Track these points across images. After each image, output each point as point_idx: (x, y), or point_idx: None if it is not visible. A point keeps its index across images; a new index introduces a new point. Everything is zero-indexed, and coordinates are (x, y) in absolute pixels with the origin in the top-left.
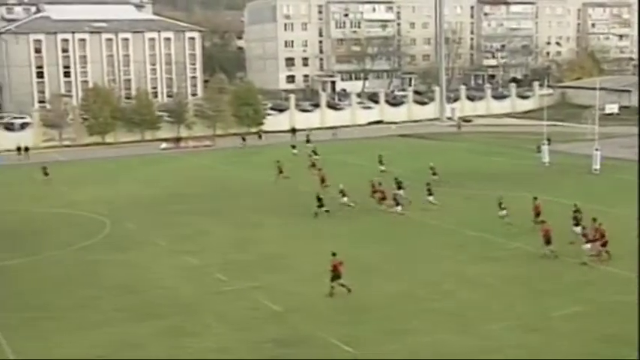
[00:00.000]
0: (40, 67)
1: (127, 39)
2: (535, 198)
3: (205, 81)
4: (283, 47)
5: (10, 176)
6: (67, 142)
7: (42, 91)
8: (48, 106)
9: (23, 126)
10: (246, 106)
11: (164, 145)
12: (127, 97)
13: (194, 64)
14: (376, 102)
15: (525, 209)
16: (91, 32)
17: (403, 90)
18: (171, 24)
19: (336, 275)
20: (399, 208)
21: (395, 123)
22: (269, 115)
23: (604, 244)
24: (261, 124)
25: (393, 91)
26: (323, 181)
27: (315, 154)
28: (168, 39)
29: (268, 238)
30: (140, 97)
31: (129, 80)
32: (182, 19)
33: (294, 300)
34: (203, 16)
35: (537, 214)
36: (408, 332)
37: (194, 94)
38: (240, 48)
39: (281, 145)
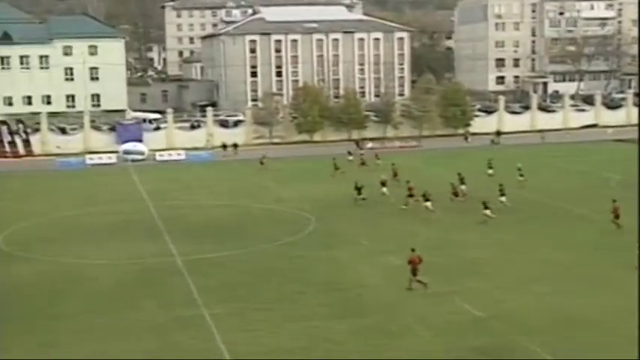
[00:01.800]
0: (254, 66)
1: (337, 39)
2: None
3: (413, 81)
4: (494, 47)
5: (223, 171)
6: (276, 140)
7: (255, 90)
8: (260, 104)
9: (237, 123)
10: (453, 107)
11: (370, 144)
12: (336, 97)
13: (402, 64)
14: (591, 104)
15: None
16: (303, 33)
17: (622, 92)
18: (381, 24)
19: (413, 270)
20: (488, 211)
21: (611, 127)
22: (476, 116)
23: None
24: (469, 125)
25: (610, 93)
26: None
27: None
28: (377, 39)
29: (472, 242)
30: (348, 96)
31: (337, 80)
32: (391, 19)
33: (496, 306)
34: (412, 16)
35: None
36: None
37: (401, 95)
38: (449, 48)
39: (488, 148)
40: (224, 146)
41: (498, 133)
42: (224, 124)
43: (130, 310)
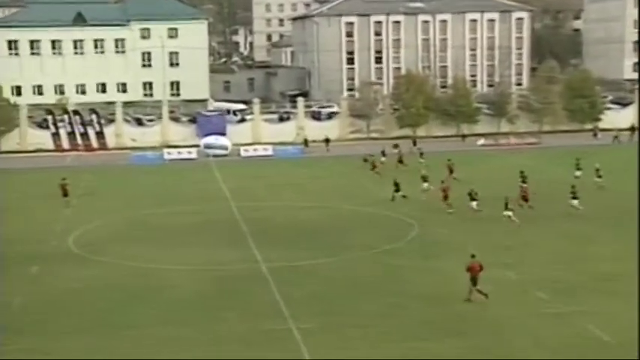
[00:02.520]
0: (351, 51)
1: (445, 21)
2: None
3: (533, 69)
4: (632, 29)
5: (314, 169)
6: (374, 135)
7: (351, 78)
8: (357, 94)
9: (330, 116)
10: (580, 99)
11: (482, 141)
12: (442, 86)
13: (520, 49)
14: None
15: None
16: (407, 14)
17: None
18: (497, 3)
19: (472, 279)
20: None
21: None
22: (608, 109)
23: None
24: (598, 120)
25: None
26: None
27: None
28: (492, 20)
29: (601, 255)
30: (457, 86)
31: (445, 67)
32: None
33: (629, 331)
34: None
35: None
36: None
37: (519, 84)
38: (577, 30)
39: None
40: (305, 142)
41: (633, 129)
42: (316, 117)
43: (210, 322)
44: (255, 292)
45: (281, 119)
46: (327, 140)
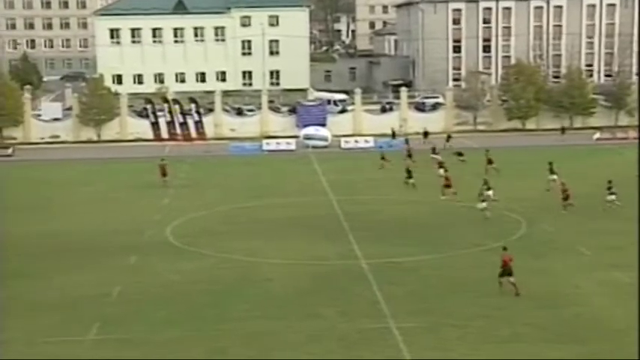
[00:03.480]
0: (458, 40)
1: (560, 6)
2: None
3: None
4: None
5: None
6: (481, 127)
7: (457, 68)
8: (463, 84)
9: (435, 107)
10: None
11: (597, 135)
12: (555, 77)
13: None
14: None
15: None
16: None
17: None
18: None
19: (505, 271)
20: None
21: None
22: None
23: None
24: None
25: None
26: None
27: None
28: (612, 5)
29: None
30: (571, 76)
31: (559, 56)
32: None
33: None
34: None
35: None
36: None
37: None
38: None
39: None
40: (393, 134)
41: None
42: (420, 108)
43: (307, 318)
44: (354, 289)
45: (383, 110)
46: (425, 134)
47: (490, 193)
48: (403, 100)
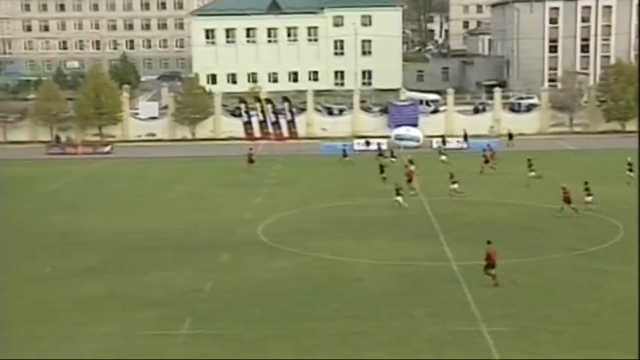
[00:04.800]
0: (554, 39)
1: None
2: None
3: None
4: None
5: (507, 164)
6: (577, 129)
7: (553, 68)
8: (559, 85)
9: (529, 108)
10: None
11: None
12: None
13: None
14: None
15: None
16: None
17: None
18: None
19: (489, 264)
20: None
21: None
22: None
23: None
24: None
25: None
26: None
27: None
28: None
29: None
30: None
31: None
32: None
33: None
34: None
35: None
36: None
37: None
38: None
39: None
40: (510, 135)
41: None
42: (514, 109)
43: (396, 318)
44: (444, 291)
45: (476, 111)
46: (510, 136)
47: (590, 198)
48: (497, 100)
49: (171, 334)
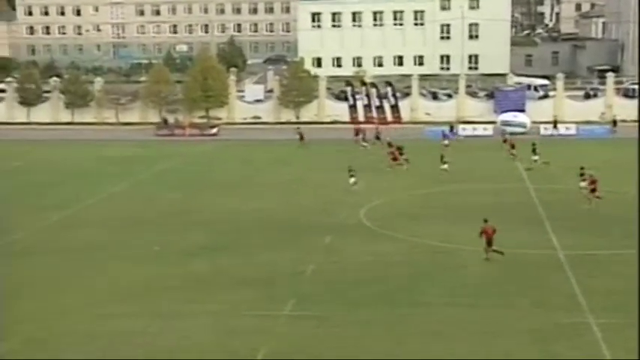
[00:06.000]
0: None
1: None
2: None
3: None
4: None
5: (620, 152)
6: None
7: None
8: None
9: None
10: None
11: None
12: None
13: None
14: None
15: None
16: None
17: None
18: None
19: (488, 242)
20: None
21: None
22: None
23: None
24: None
25: None
26: None
27: None
28: None
29: None
30: None
31: None
32: None
33: None
34: None
35: None
36: None
37: None
38: None
39: None
40: (614, 122)
41: None
42: (628, 94)
43: (498, 307)
44: (550, 281)
45: (587, 96)
46: (614, 122)
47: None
48: (609, 85)
49: (274, 315)
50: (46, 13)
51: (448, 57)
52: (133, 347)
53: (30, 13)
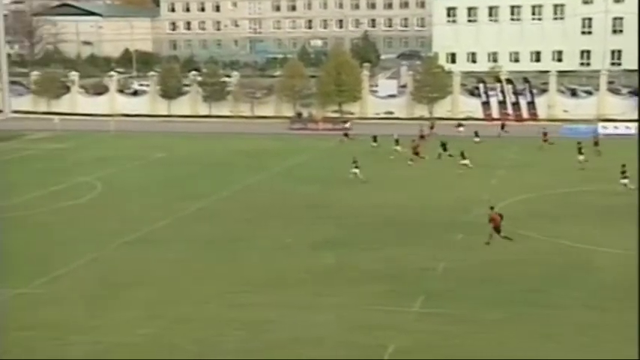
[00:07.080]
0: None
1: None
2: None
3: None
4: None
5: None
6: None
7: None
8: None
9: None
10: None
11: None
12: None
13: None
14: None
15: None
16: None
17: None
18: None
19: (496, 228)
20: None
21: None
22: None
23: None
24: None
25: None
26: None
27: None
28: None
29: None
30: None
31: None
32: None
33: None
34: None
35: None
36: None
37: None
38: None
39: None
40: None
41: None
42: None
43: (626, 311)
44: None
45: None
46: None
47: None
48: None
49: (402, 311)
50: (188, 10)
51: (589, 52)
52: (268, 334)
53: (173, 10)
